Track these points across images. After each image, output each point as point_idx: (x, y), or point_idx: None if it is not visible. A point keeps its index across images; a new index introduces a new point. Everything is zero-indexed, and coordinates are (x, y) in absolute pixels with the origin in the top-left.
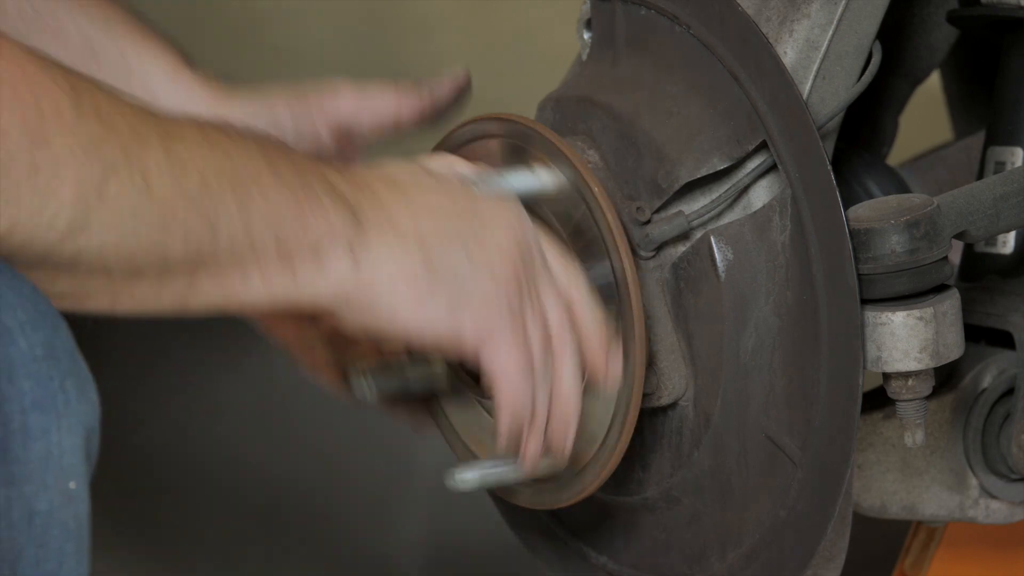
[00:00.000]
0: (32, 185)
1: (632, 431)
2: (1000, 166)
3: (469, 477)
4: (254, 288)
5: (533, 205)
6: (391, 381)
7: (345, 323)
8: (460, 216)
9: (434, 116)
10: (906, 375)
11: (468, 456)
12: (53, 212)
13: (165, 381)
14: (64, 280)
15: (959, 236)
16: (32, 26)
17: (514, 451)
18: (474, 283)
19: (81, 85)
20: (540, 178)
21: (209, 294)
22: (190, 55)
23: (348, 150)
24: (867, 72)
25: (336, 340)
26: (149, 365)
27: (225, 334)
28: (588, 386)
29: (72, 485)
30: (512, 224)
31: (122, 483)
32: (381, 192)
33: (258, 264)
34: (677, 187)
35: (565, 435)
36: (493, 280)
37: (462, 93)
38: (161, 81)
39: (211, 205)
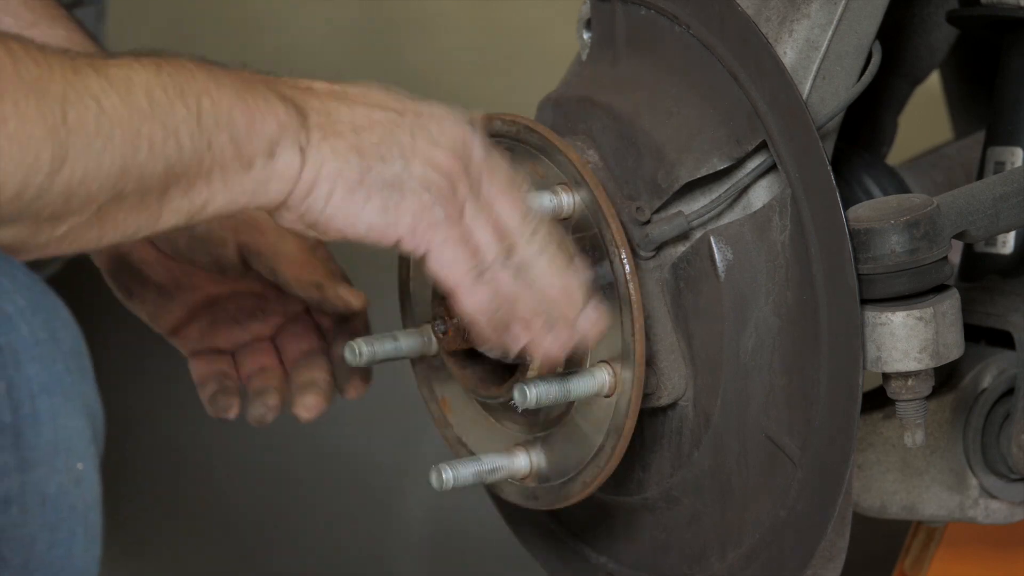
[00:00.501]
0: (6, 134)
1: (632, 431)
2: (1000, 166)
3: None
4: (217, 194)
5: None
6: (384, 345)
7: (284, 220)
8: (401, 126)
9: (315, 308)
10: (906, 375)
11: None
12: (34, 152)
13: (165, 381)
14: (58, 225)
15: (959, 236)
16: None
17: (512, 354)
18: (411, 191)
19: (5, 37)
20: (561, 202)
21: (180, 208)
22: None
23: (250, 276)
24: (867, 72)
25: (200, 304)
26: (149, 364)
27: None
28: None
29: (80, 466)
30: (455, 133)
31: (122, 483)
32: (327, 99)
33: (220, 167)
34: (677, 187)
35: (568, 321)
36: (427, 188)
37: (350, 313)
38: None
39: (165, 115)
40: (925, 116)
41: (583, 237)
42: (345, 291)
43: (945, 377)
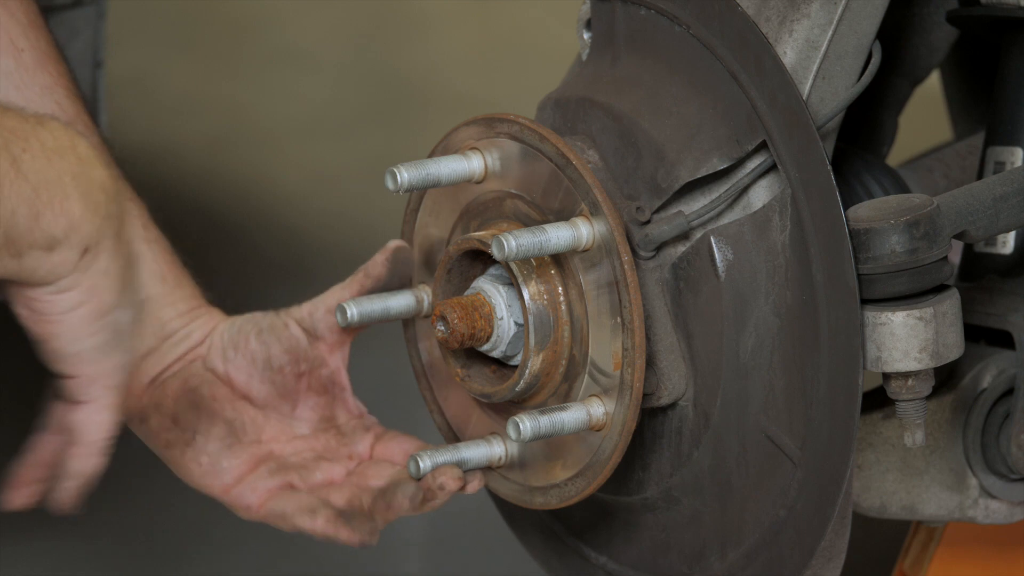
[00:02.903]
0: None
1: (632, 431)
2: (1000, 166)
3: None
4: None
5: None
6: (373, 306)
7: (11, 293)
8: (136, 294)
9: (378, 287)
10: (906, 375)
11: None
12: None
13: None
14: None
15: (959, 236)
16: None
17: None
18: (123, 347)
19: None
20: (580, 231)
21: None
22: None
23: (320, 345)
24: (867, 72)
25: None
26: None
27: None
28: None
29: None
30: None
31: (123, 483)
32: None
33: None
34: (677, 187)
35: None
36: (130, 351)
37: (397, 263)
38: (189, 301)
39: None
40: (925, 116)
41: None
42: (378, 254)
43: (945, 377)
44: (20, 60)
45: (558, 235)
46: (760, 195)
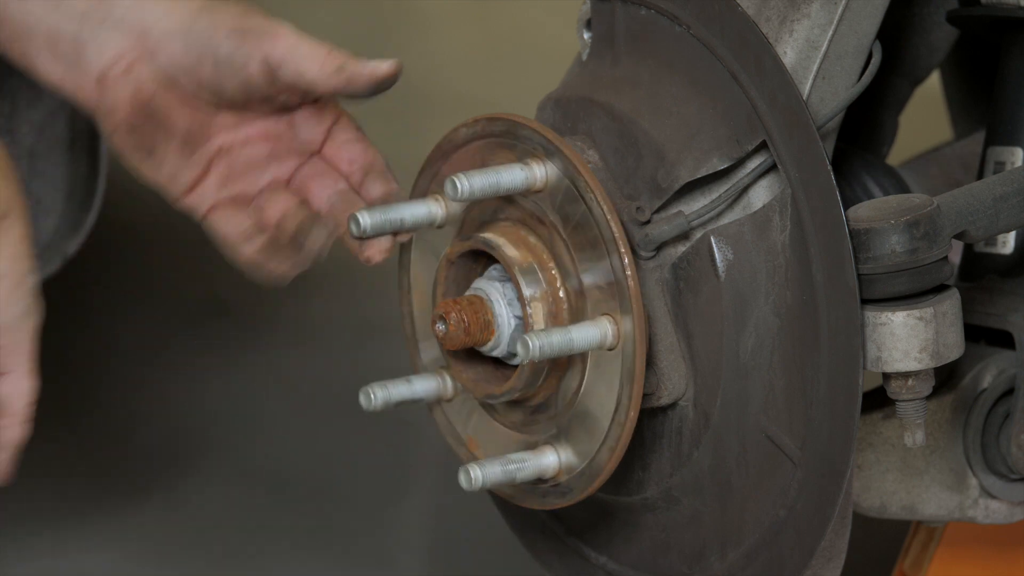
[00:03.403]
0: None
1: (632, 431)
2: (1000, 166)
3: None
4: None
5: (534, 204)
6: (388, 213)
7: None
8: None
9: (348, 94)
10: (906, 375)
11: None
12: None
13: (165, 380)
14: None
15: (959, 236)
16: None
17: None
18: (37, 311)
19: None
20: (533, 173)
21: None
22: None
23: (280, 88)
24: (867, 72)
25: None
26: (150, 364)
27: (225, 333)
28: None
29: None
30: None
31: (122, 483)
32: None
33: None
34: (677, 187)
35: None
36: (38, 316)
37: (381, 84)
38: None
39: None
40: (925, 116)
41: (583, 237)
42: (373, 61)
43: (945, 377)
44: None
45: (511, 175)
46: (760, 195)
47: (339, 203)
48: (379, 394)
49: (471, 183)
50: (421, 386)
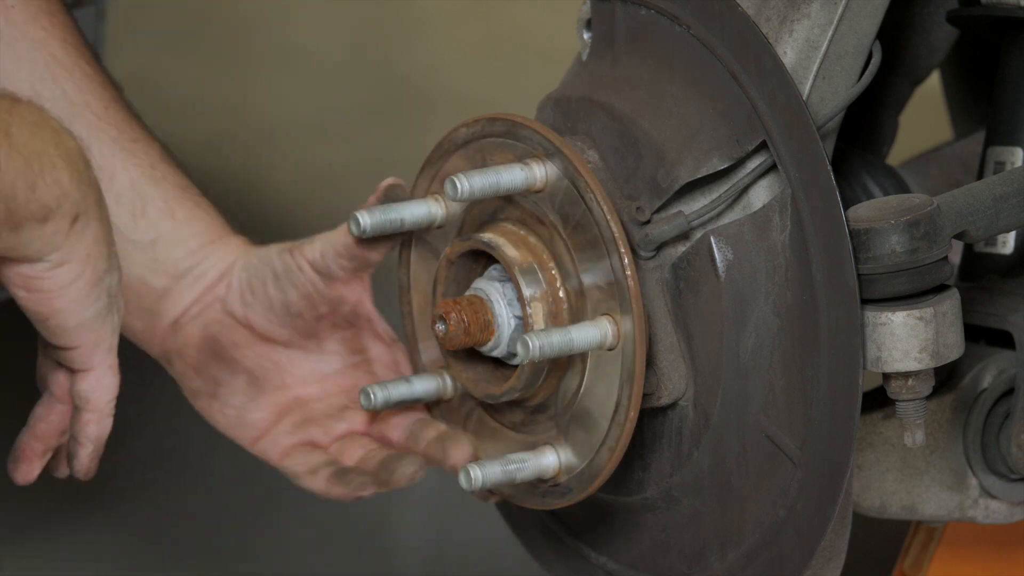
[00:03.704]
0: None
1: (632, 431)
2: (1000, 166)
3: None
4: None
5: (535, 203)
6: (388, 213)
7: (8, 272)
8: (117, 255)
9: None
10: (906, 375)
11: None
12: None
13: (166, 380)
14: None
15: (959, 236)
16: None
17: None
18: (115, 309)
19: None
20: (533, 174)
21: None
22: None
23: (337, 285)
24: (867, 72)
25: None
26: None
27: None
28: None
29: None
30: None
31: (123, 483)
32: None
33: None
34: (677, 187)
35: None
36: (120, 311)
37: (387, 194)
38: (201, 236)
39: None
40: (925, 116)
41: (583, 237)
42: (372, 197)
43: (945, 377)
44: (9, 16)
45: (511, 176)
46: (760, 195)
47: (418, 429)
48: (379, 394)
49: (471, 183)
50: (421, 386)
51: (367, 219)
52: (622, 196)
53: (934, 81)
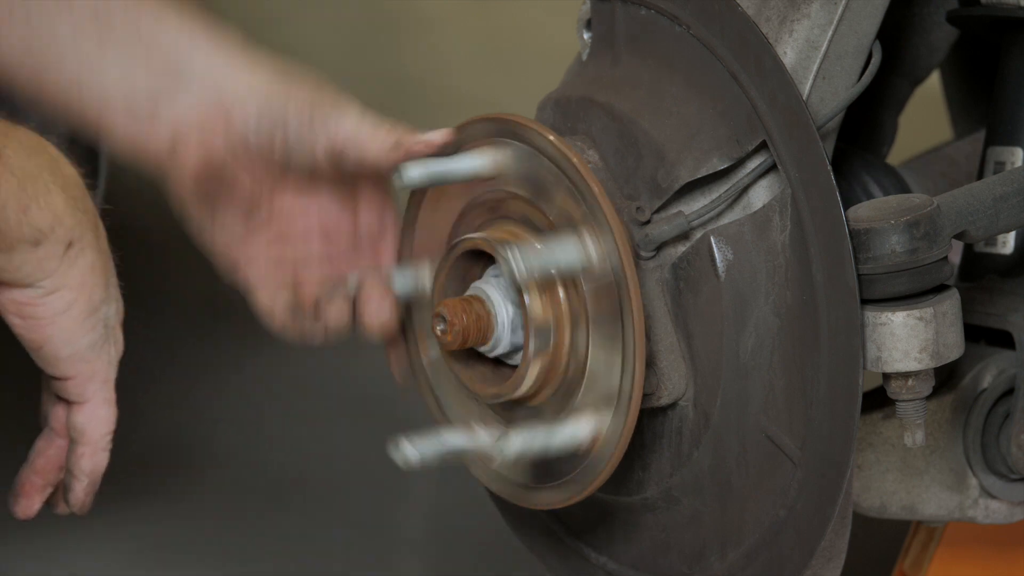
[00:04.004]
0: None
1: (632, 431)
2: (1000, 166)
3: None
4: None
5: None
6: (435, 166)
7: (3, 297)
8: (111, 270)
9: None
10: (906, 375)
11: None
12: None
13: (166, 382)
14: None
15: (959, 236)
16: None
17: None
18: (111, 340)
19: None
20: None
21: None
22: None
23: (341, 171)
24: (867, 72)
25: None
26: (150, 365)
27: (229, 335)
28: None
29: None
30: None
31: (123, 483)
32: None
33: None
34: (677, 187)
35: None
36: (116, 342)
37: (439, 152)
38: (199, 47)
39: None
40: (925, 116)
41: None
42: (427, 133)
43: (945, 377)
44: None
45: (567, 254)
46: (760, 195)
47: (366, 276)
48: (415, 172)
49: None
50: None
51: (414, 173)
52: (622, 196)
53: (934, 81)
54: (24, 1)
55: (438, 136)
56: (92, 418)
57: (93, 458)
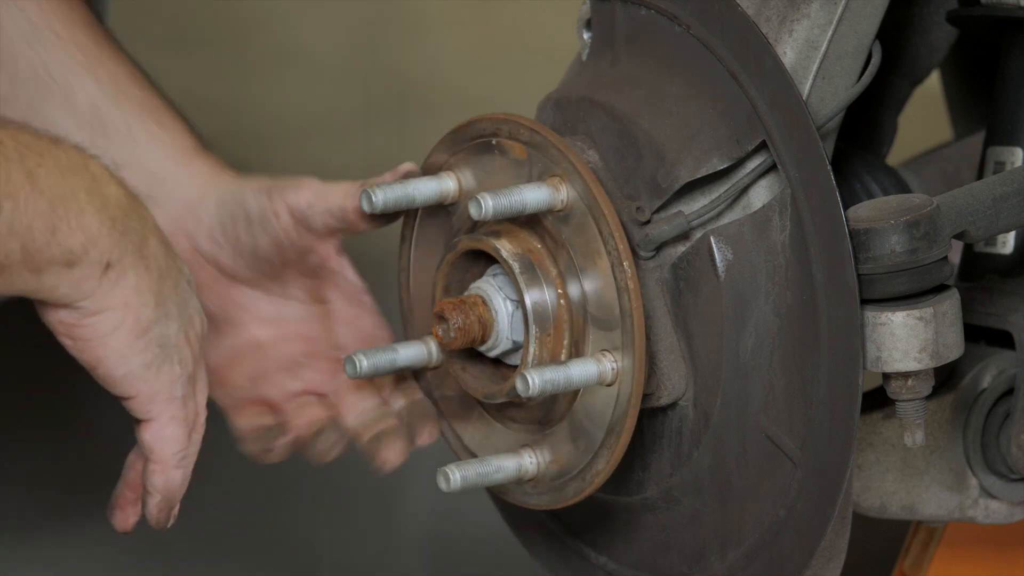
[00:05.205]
0: None
1: (632, 431)
2: (1000, 166)
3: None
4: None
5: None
6: (396, 192)
7: (51, 317)
8: (179, 285)
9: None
10: (906, 375)
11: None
12: None
13: None
14: None
15: (959, 236)
16: (43, 90)
17: None
18: (174, 359)
19: None
20: (557, 196)
21: None
22: (188, 123)
23: (311, 237)
24: (867, 72)
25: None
26: None
27: None
28: None
29: None
30: (200, 313)
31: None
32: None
33: (5, 268)
34: (677, 187)
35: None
36: (182, 361)
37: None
38: (163, 160)
39: None
40: (925, 116)
41: (583, 237)
42: (392, 170)
43: (945, 377)
44: None
45: (534, 195)
46: (760, 195)
47: (371, 420)
48: (364, 362)
49: (494, 202)
50: (405, 353)
51: (380, 196)
52: (622, 196)
53: (934, 81)
54: (26, 91)
55: (403, 167)
56: (158, 437)
57: (164, 475)
